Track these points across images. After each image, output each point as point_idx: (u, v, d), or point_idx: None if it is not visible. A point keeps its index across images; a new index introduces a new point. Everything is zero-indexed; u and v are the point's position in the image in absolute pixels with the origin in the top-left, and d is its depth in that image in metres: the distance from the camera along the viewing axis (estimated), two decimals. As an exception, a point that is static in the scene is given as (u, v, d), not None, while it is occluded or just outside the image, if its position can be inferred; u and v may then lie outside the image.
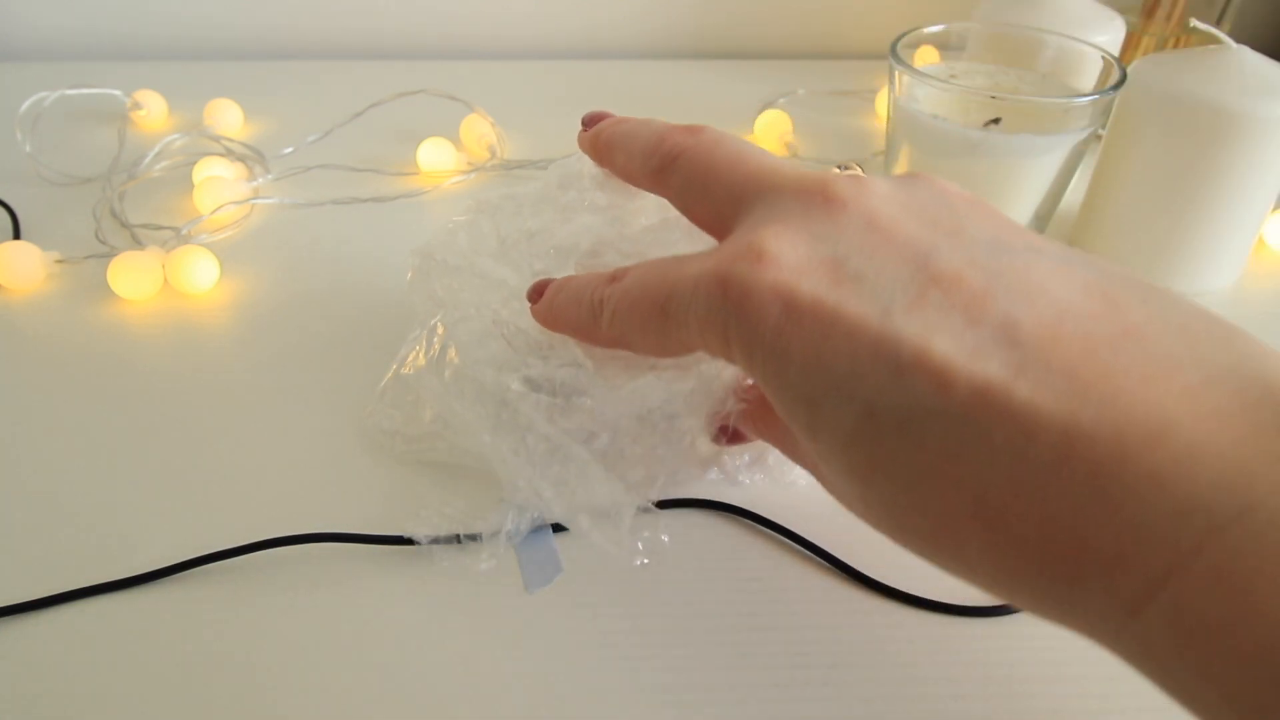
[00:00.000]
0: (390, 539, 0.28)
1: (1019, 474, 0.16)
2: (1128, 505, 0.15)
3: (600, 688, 0.25)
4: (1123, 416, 0.16)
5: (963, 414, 0.17)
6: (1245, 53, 0.38)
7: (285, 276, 0.42)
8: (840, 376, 0.18)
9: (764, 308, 0.19)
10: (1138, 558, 0.15)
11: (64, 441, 0.33)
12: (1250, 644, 0.14)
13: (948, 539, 0.18)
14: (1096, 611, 0.16)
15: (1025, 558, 0.17)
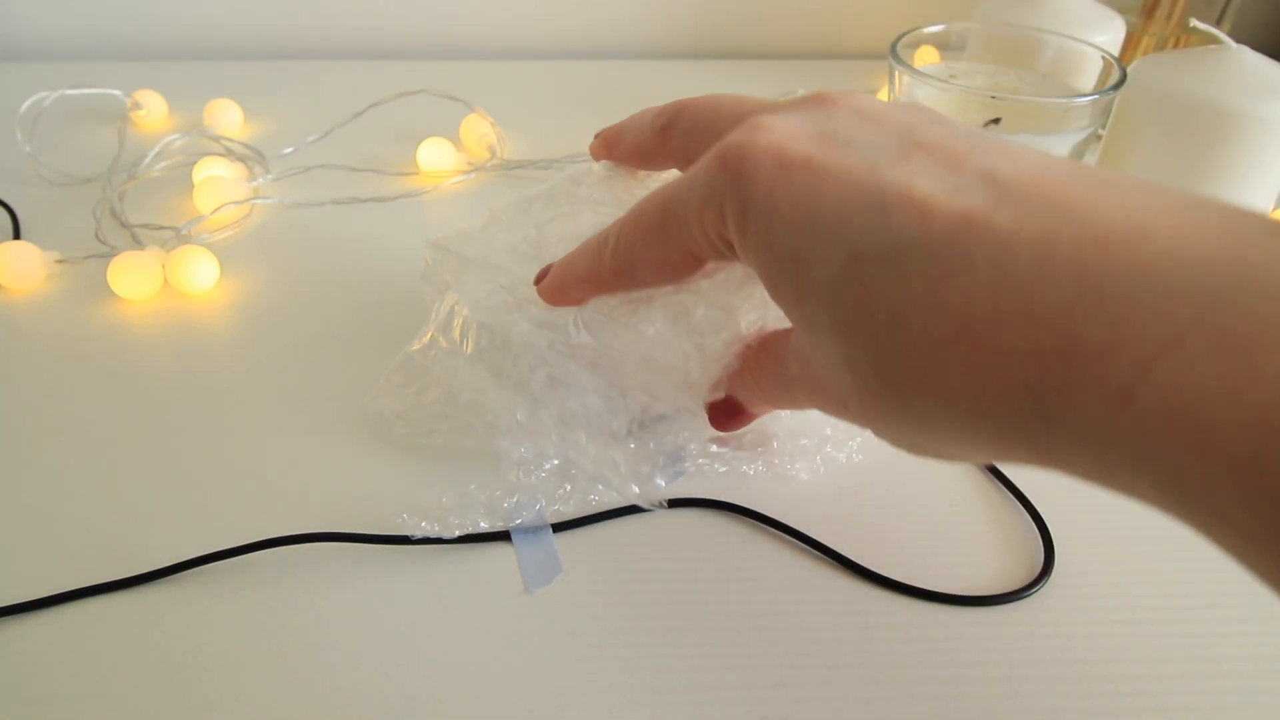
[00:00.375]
0: (390, 539, 0.28)
1: (1003, 287, 0.17)
2: (1116, 293, 0.15)
3: (600, 688, 0.25)
4: (1103, 227, 0.16)
5: (945, 240, 0.17)
6: (1245, 53, 0.38)
7: (285, 276, 0.42)
8: (828, 223, 0.19)
9: (758, 168, 0.21)
10: (1130, 340, 0.15)
11: (64, 441, 0.33)
12: (1255, 408, 0.14)
13: (932, 375, 0.18)
14: (1084, 418, 0.16)
15: (1010, 371, 0.17)
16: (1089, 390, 0.16)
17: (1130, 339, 0.15)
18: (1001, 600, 0.27)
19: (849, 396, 0.21)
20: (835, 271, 0.19)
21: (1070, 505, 0.30)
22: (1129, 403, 0.15)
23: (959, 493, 0.31)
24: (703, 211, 0.22)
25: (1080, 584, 0.28)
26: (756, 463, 0.31)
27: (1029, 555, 0.29)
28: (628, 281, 0.26)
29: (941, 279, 0.17)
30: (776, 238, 0.20)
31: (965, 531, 0.30)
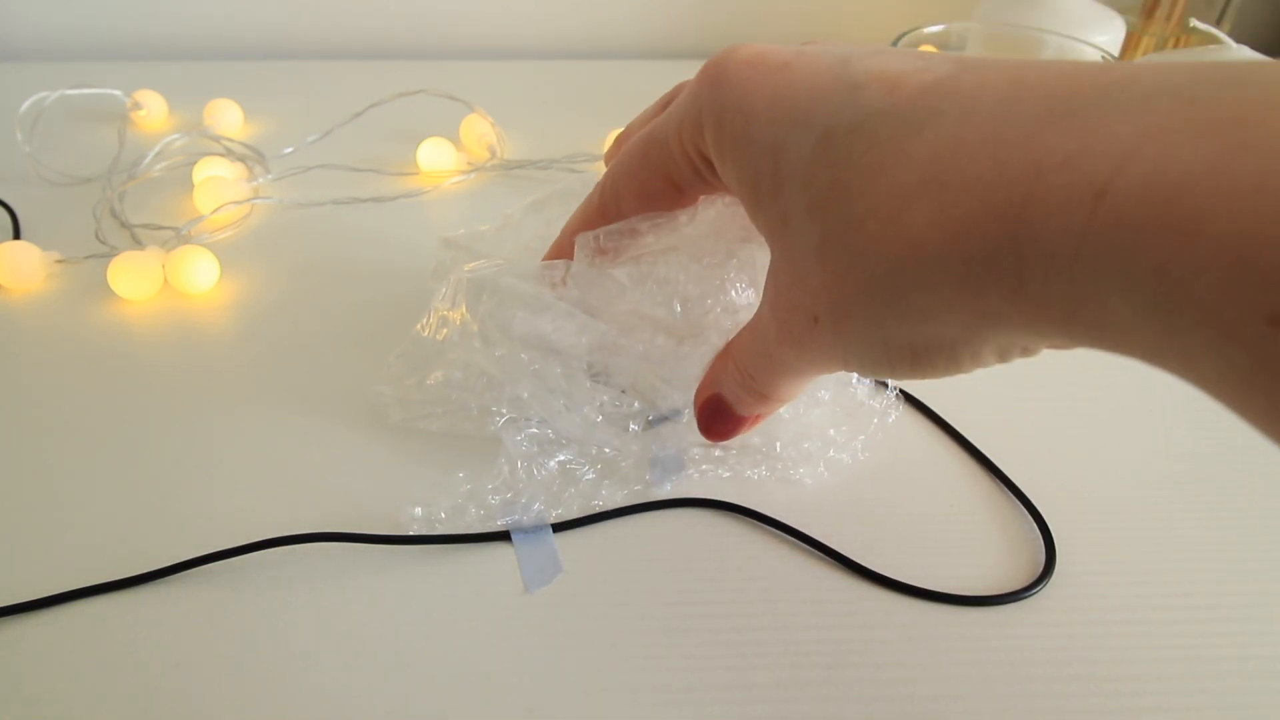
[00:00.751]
0: (390, 538, 0.28)
1: (968, 125, 0.17)
2: (1086, 107, 0.15)
3: (600, 687, 0.25)
4: (1076, 67, 0.16)
5: (911, 105, 0.18)
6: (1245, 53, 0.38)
7: (285, 276, 0.42)
8: (801, 110, 0.20)
9: (734, 72, 0.21)
10: (1102, 140, 0.15)
11: (64, 441, 0.32)
12: (1247, 177, 0.13)
13: (900, 229, 0.18)
14: (1055, 232, 0.15)
15: (978, 200, 0.16)
16: (1060, 194, 0.15)
17: (1102, 139, 0.15)
18: (1002, 600, 0.27)
19: (819, 298, 0.20)
20: (809, 152, 0.20)
21: (1071, 506, 0.30)
22: (1103, 198, 0.14)
23: (960, 493, 0.31)
24: (681, 128, 0.23)
25: (1081, 584, 0.28)
26: (760, 467, 0.31)
27: (1030, 556, 0.29)
28: (613, 213, 0.27)
29: (908, 135, 0.18)
30: (753, 131, 0.21)
31: (966, 532, 0.30)
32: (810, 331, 0.21)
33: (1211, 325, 0.14)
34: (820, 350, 0.22)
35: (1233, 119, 0.14)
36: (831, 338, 0.21)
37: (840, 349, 0.21)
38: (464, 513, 0.29)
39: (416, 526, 0.29)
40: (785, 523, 0.29)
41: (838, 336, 0.21)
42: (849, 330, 0.20)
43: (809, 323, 0.21)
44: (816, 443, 0.32)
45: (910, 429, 0.34)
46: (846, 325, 0.20)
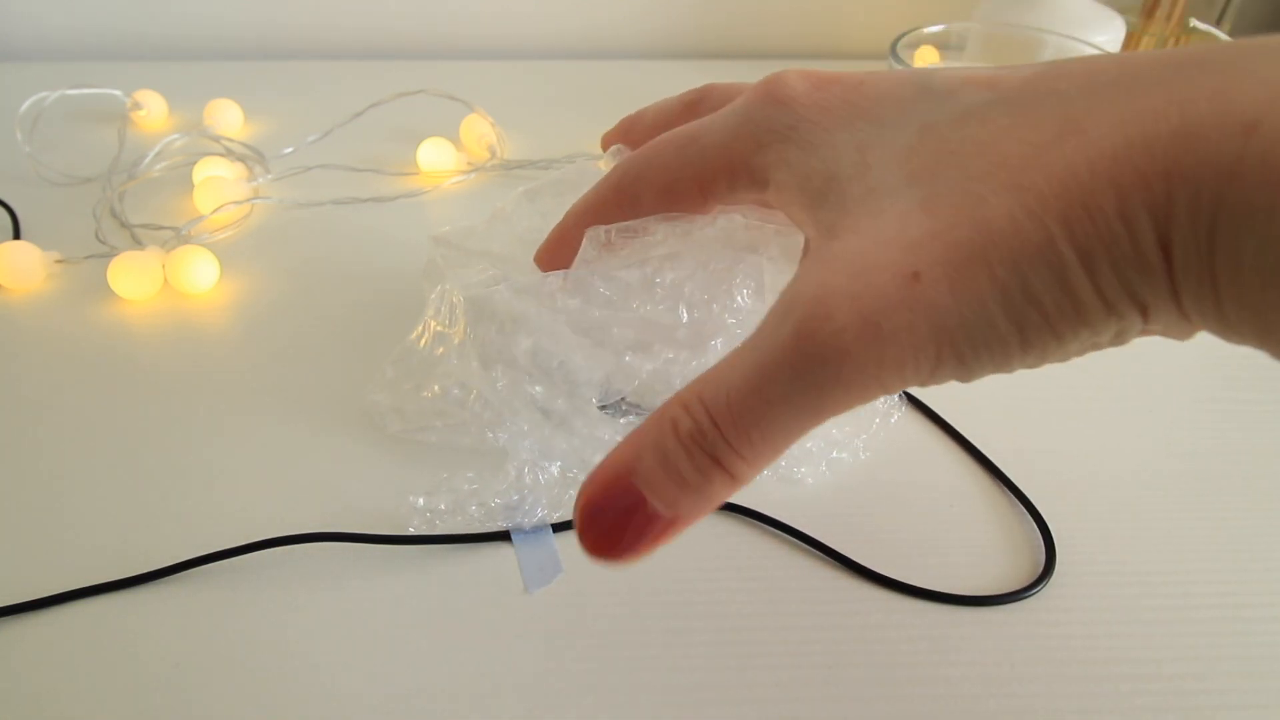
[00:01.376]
0: (390, 538, 0.28)
1: (1096, 96, 0.16)
2: (1223, 60, 0.15)
3: (600, 688, 0.25)
4: (1205, 43, 0.16)
5: (1020, 92, 0.18)
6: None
7: (285, 276, 0.42)
8: (889, 113, 0.19)
9: (803, 93, 0.21)
10: (1249, 76, 0.15)
11: (64, 441, 0.32)
12: None
13: (1030, 171, 0.16)
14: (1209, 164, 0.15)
15: (1129, 138, 0.15)
16: (1209, 132, 0.14)
17: (1248, 79, 0.15)
18: (1003, 600, 0.27)
19: (921, 248, 0.17)
20: (906, 141, 0.19)
21: (1072, 505, 0.30)
22: (1253, 134, 0.14)
23: (960, 492, 0.31)
24: (733, 139, 0.22)
25: (1081, 584, 0.28)
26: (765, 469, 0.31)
27: (1030, 555, 0.29)
28: (629, 204, 0.25)
29: (1028, 107, 0.17)
30: (836, 136, 0.20)
31: (966, 531, 0.30)
32: (905, 295, 0.16)
33: None
34: (915, 322, 0.16)
35: None
36: (945, 296, 0.16)
37: (952, 312, 0.16)
38: (464, 508, 0.29)
39: (416, 519, 0.29)
40: (786, 523, 0.29)
41: (954, 293, 0.16)
42: (971, 284, 0.16)
43: (905, 285, 0.16)
44: (819, 442, 0.31)
45: (911, 429, 0.34)
46: (969, 277, 0.16)
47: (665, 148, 0.24)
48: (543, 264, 0.28)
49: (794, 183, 0.21)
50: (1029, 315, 0.16)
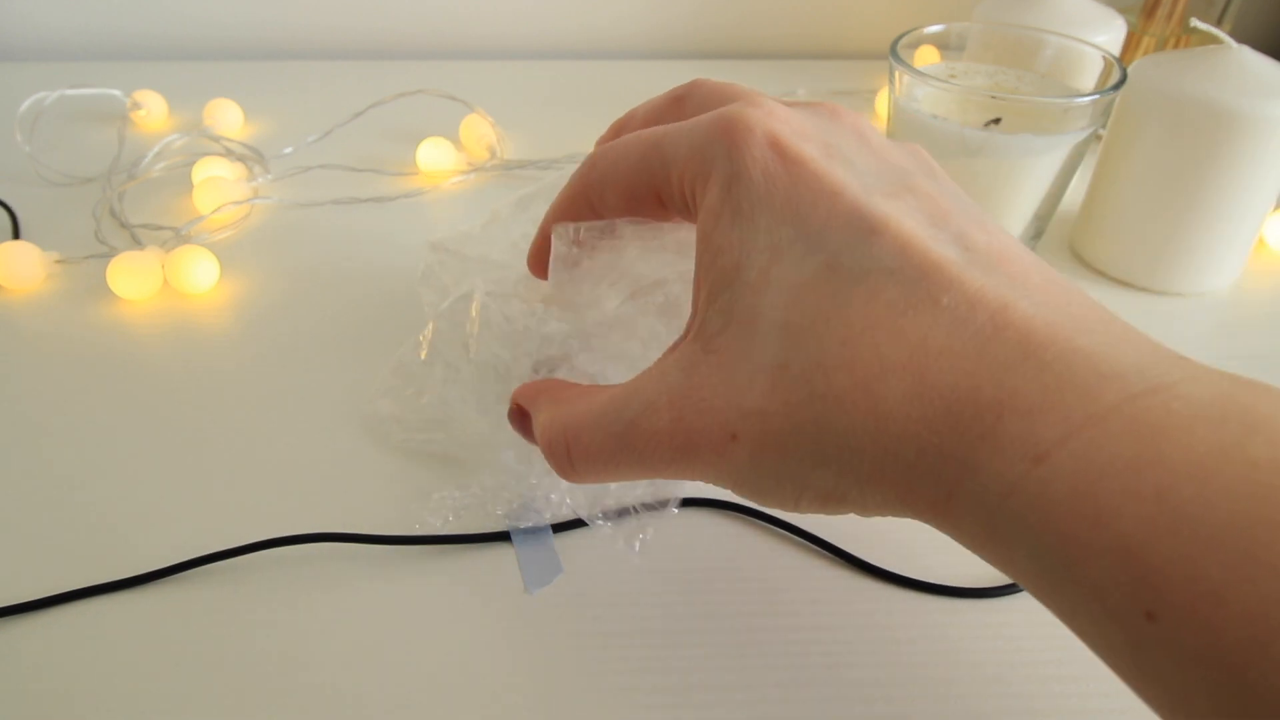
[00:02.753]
0: (390, 539, 0.28)
1: (958, 334, 0.18)
2: (1056, 366, 0.17)
3: (600, 688, 0.25)
4: (1052, 312, 0.18)
5: (918, 276, 0.18)
6: (1246, 53, 0.38)
7: (285, 276, 0.42)
8: (813, 229, 0.20)
9: (754, 145, 0.21)
10: (1058, 406, 0.16)
11: (63, 442, 0.32)
12: (1153, 490, 0.15)
13: (864, 391, 0.18)
14: (997, 469, 0.17)
15: (947, 404, 0.17)
16: (1010, 444, 0.16)
17: (1059, 405, 0.16)
18: (1002, 593, 0.27)
19: (750, 419, 0.19)
20: (809, 273, 0.19)
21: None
22: (1041, 463, 0.16)
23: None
24: (688, 163, 0.22)
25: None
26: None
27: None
28: (595, 199, 0.26)
29: (906, 310, 0.18)
30: (759, 221, 0.20)
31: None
32: (720, 447, 0.20)
33: (1098, 604, 0.15)
34: (722, 468, 0.20)
35: (1157, 426, 0.15)
36: (746, 463, 0.20)
37: (749, 475, 0.20)
38: (479, 511, 0.29)
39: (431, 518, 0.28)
40: (784, 520, 0.29)
41: (755, 464, 0.20)
42: (771, 463, 0.19)
43: (723, 438, 0.20)
44: None
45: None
46: (772, 457, 0.19)
47: (630, 152, 0.24)
48: (532, 268, 0.28)
49: (706, 243, 0.21)
50: (804, 497, 0.20)
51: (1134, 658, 0.15)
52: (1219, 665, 0.14)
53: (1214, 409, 0.15)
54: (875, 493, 0.19)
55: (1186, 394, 0.16)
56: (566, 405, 0.24)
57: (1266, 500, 0.14)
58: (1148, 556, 0.14)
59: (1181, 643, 0.14)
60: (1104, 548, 0.15)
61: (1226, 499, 0.14)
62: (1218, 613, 0.14)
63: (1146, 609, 0.14)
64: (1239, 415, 0.15)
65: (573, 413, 0.23)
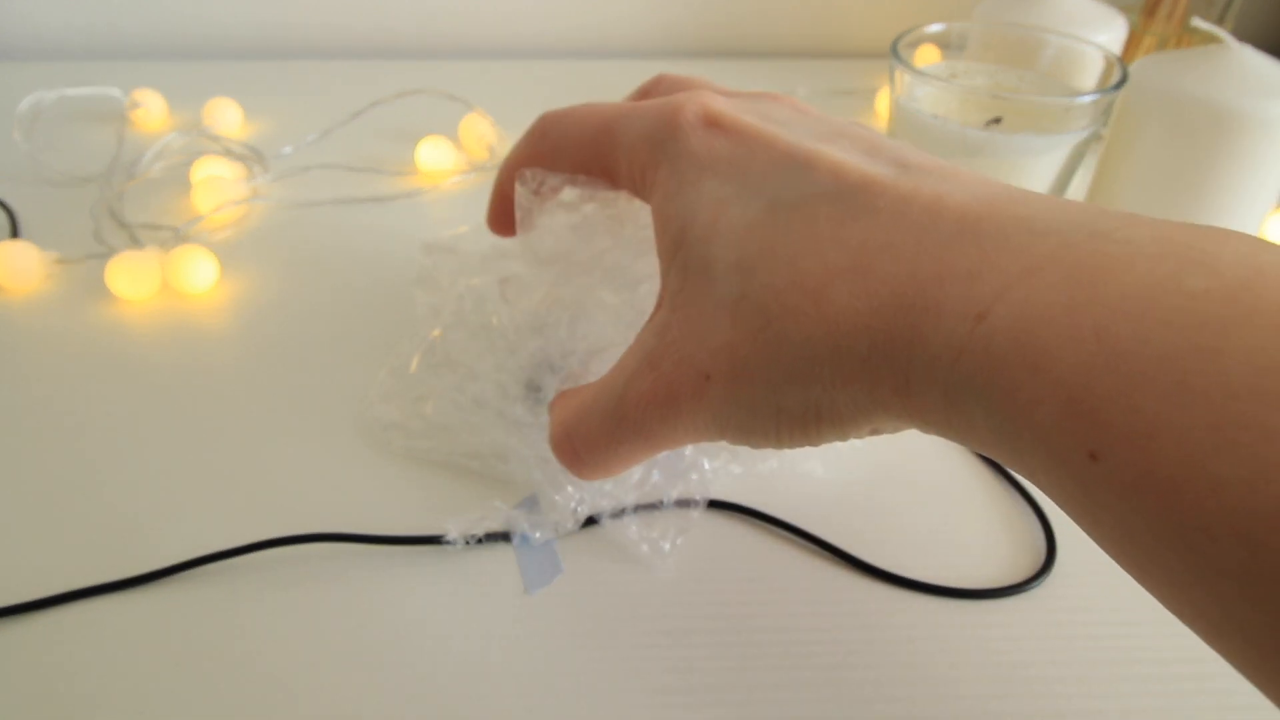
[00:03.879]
0: (390, 539, 0.28)
1: (896, 228, 0.19)
2: (990, 234, 0.17)
3: (600, 688, 0.25)
4: (988, 191, 0.19)
5: (853, 192, 0.20)
6: (1247, 52, 0.38)
7: (284, 276, 0.42)
8: (754, 178, 0.21)
9: (696, 125, 0.23)
10: (993, 267, 0.17)
11: (63, 442, 0.32)
12: (1089, 328, 0.15)
13: (818, 302, 0.19)
14: (943, 337, 0.17)
15: (891, 291, 0.18)
16: (952, 309, 0.17)
17: (996, 265, 0.17)
18: (1003, 594, 0.27)
19: (718, 355, 0.20)
20: (752, 215, 0.21)
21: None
22: (983, 320, 0.16)
23: (960, 486, 0.31)
24: (635, 150, 0.24)
25: (1082, 577, 0.28)
26: (771, 460, 0.31)
27: (1031, 548, 0.29)
28: (550, 153, 0.28)
29: (845, 221, 0.19)
30: (704, 186, 0.22)
31: (966, 525, 0.30)
32: (697, 389, 0.21)
33: (1044, 450, 0.16)
34: (702, 412, 0.21)
35: (1090, 270, 0.16)
36: (722, 398, 0.21)
37: (728, 411, 0.21)
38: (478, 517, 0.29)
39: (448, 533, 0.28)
40: (784, 520, 0.29)
41: (730, 397, 0.21)
42: (745, 392, 0.20)
43: (698, 380, 0.21)
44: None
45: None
46: (744, 387, 0.20)
47: (587, 126, 0.26)
48: (492, 225, 0.30)
49: (660, 215, 0.23)
50: (783, 422, 0.20)
51: (1085, 501, 0.15)
52: (1156, 494, 0.14)
53: (1152, 247, 0.15)
54: (843, 396, 0.19)
55: (1124, 237, 0.16)
56: (564, 407, 0.25)
57: (1202, 328, 0.14)
58: (1088, 397, 0.15)
59: (1122, 478, 0.14)
60: (1047, 393, 0.15)
61: (1162, 331, 0.14)
62: (1152, 444, 0.14)
63: (1090, 449, 0.15)
64: (1178, 252, 0.15)
65: (569, 408, 0.25)
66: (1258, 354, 0.13)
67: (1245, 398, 0.13)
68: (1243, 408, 0.13)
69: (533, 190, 0.28)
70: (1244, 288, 0.14)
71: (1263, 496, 0.13)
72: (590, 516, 0.29)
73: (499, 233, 0.30)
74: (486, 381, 0.31)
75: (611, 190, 0.27)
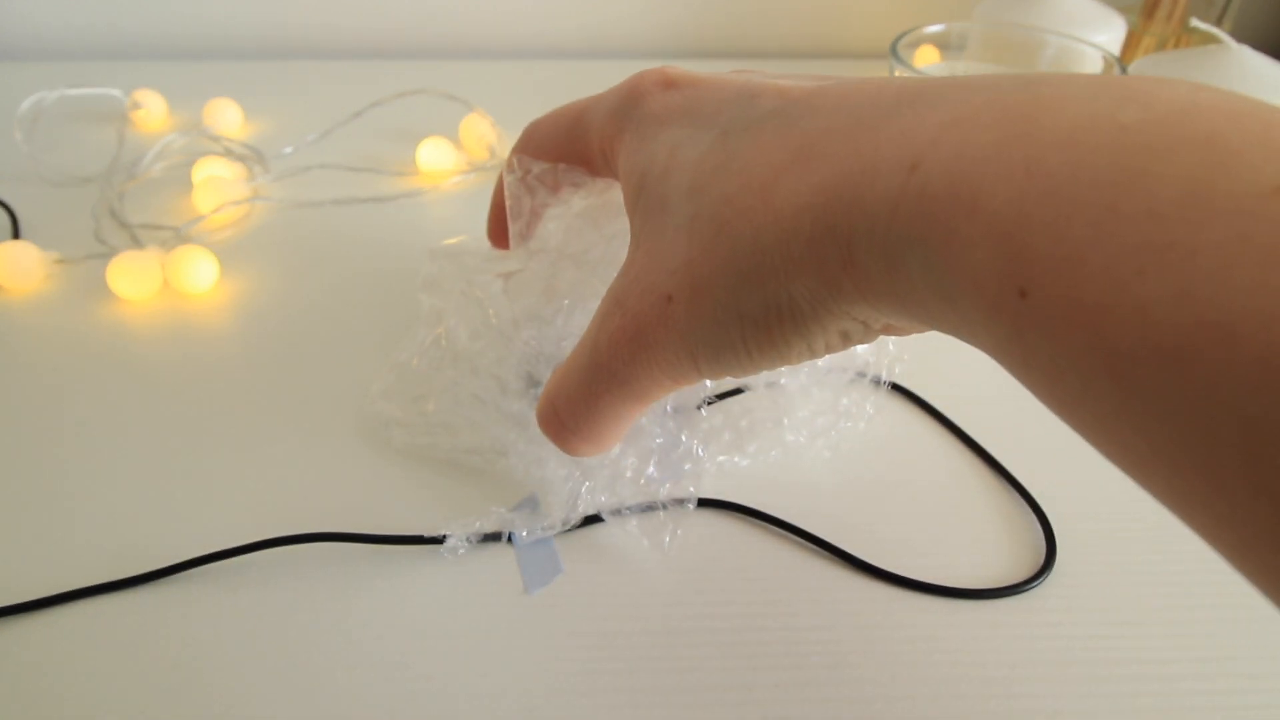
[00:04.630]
0: (390, 538, 0.28)
1: (838, 114, 0.19)
2: (928, 98, 0.18)
3: (600, 688, 0.25)
4: (931, 78, 0.19)
5: (796, 103, 0.20)
6: (1245, 52, 0.38)
7: (285, 276, 0.42)
8: (705, 116, 0.22)
9: (653, 88, 0.24)
10: (926, 123, 0.17)
11: (63, 441, 0.32)
12: (1021, 160, 0.15)
13: (761, 196, 0.19)
14: (881, 185, 0.17)
15: (831, 168, 0.18)
16: (887, 165, 0.17)
17: (929, 119, 0.17)
18: (1003, 594, 0.27)
19: (677, 275, 0.21)
20: (705, 146, 0.21)
21: (1071, 499, 0.30)
22: (916, 169, 0.16)
23: (960, 486, 0.31)
24: (604, 127, 0.25)
25: (1081, 578, 0.28)
26: (774, 450, 0.31)
27: (1030, 549, 0.29)
28: (535, 153, 0.29)
29: (789, 126, 0.20)
30: (661, 135, 0.23)
31: (966, 525, 0.30)
32: (662, 315, 0.21)
33: (979, 293, 0.15)
34: (671, 339, 0.21)
35: (1023, 111, 0.15)
36: (685, 315, 0.20)
37: (694, 329, 0.20)
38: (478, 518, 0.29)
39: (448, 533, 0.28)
40: (784, 519, 0.29)
41: (693, 312, 0.20)
42: (705, 305, 0.20)
43: (661, 304, 0.21)
44: (830, 416, 0.32)
45: (910, 423, 0.34)
46: (704, 299, 0.20)
47: (560, 122, 0.28)
48: (492, 237, 0.31)
49: (623, 174, 0.24)
50: (747, 329, 0.20)
51: (1018, 346, 0.15)
52: (1082, 324, 0.14)
53: (1088, 89, 0.15)
54: (798, 287, 0.19)
55: (1059, 82, 0.16)
56: (550, 379, 0.25)
57: (1132, 154, 0.14)
58: (1018, 231, 0.14)
59: (1050, 312, 0.14)
60: (980, 232, 0.15)
61: (1093, 159, 0.14)
62: (1080, 271, 0.14)
63: (1020, 285, 0.14)
64: (1113, 91, 0.15)
65: (553, 378, 0.25)
66: (1184, 179, 0.13)
67: (1171, 219, 0.13)
68: (1168, 229, 0.13)
69: (519, 178, 0.29)
70: (1177, 118, 0.14)
71: (1186, 314, 0.12)
72: (590, 516, 0.29)
73: (498, 245, 0.31)
74: (486, 377, 0.31)
75: (593, 177, 0.28)
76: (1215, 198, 0.13)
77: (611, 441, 0.25)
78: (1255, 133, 0.13)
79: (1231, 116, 0.14)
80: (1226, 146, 0.13)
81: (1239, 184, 0.13)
